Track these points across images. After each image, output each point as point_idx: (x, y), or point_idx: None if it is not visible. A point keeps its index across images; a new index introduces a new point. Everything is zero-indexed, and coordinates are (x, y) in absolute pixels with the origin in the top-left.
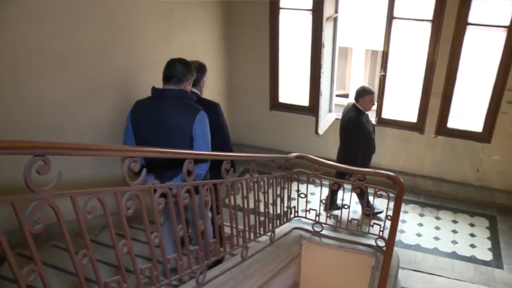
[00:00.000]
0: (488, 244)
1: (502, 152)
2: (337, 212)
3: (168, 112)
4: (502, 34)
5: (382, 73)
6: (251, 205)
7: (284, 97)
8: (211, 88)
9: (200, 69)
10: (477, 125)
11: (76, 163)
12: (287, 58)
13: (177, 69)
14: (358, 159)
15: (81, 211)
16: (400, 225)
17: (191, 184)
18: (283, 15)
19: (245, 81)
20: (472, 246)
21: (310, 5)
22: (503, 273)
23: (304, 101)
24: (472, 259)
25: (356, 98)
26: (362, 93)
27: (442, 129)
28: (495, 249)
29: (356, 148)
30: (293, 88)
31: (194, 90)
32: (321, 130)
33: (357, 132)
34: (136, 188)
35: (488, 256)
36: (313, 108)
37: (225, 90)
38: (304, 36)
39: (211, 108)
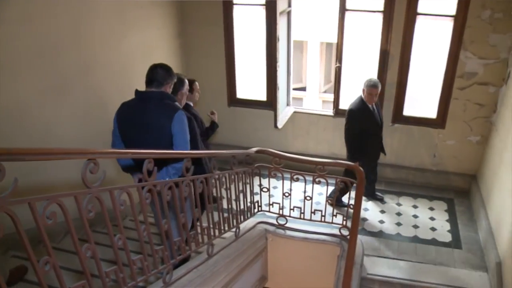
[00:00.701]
0: (447, 226)
1: (456, 137)
2: (300, 204)
3: (149, 112)
4: (450, 23)
5: (337, 65)
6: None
7: (242, 93)
8: None
9: (177, 82)
10: (432, 112)
11: (45, 167)
12: (243, 53)
13: (158, 73)
14: (356, 149)
15: (40, 217)
16: (363, 213)
17: (152, 183)
18: (237, 11)
19: (203, 78)
20: (433, 229)
21: (263, 0)
22: (462, 252)
23: (262, 95)
24: (433, 242)
25: (363, 89)
26: (364, 84)
27: (399, 117)
28: (454, 230)
29: (348, 136)
30: (250, 83)
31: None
32: (280, 124)
33: (350, 120)
34: (96, 191)
35: (447, 237)
36: (271, 102)
37: None
38: (259, 31)
39: None
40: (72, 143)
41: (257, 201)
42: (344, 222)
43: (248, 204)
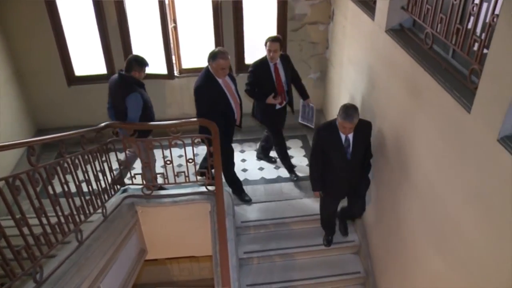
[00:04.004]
0: (305, 160)
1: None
2: (163, 170)
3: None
4: None
5: (173, 25)
6: (73, 188)
7: (80, 70)
8: None
9: None
10: None
11: None
12: (72, 28)
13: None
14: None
15: None
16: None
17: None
18: None
19: (34, 62)
20: (293, 166)
21: None
22: None
23: (102, 69)
24: (294, 178)
25: None
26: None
27: (242, 65)
28: None
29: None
30: (88, 58)
31: None
32: None
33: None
34: None
35: (306, 171)
36: (112, 75)
37: (12, 76)
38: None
39: None
40: None
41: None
42: (208, 178)
43: (110, 181)
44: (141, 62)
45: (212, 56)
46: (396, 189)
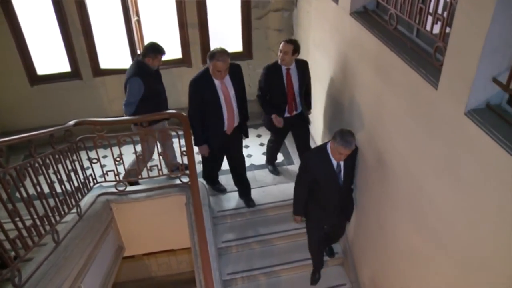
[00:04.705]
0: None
1: (264, 64)
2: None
3: None
4: None
5: (136, 18)
6: (46, 189)
7: (43, 69)
8: None
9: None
10: (237, 46)
11: None
12: (32, 26)
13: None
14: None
15: None
16: None
17: None
18: None
19: None
20: (265, 154)
21: None
22: (295, 167)
23: (65, 67)
24: (266, 166)
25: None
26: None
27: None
28: (284, 150)
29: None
30: (50, 57)
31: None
32: None
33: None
34: None
35: (279, 157)
36: (76, 72)
37: None
38: None
39: None
40: None
41: (91, 175)
42: (182, 170)
43: (82, 180)
44: (156, 49)
45: (210, 56)
46: (370, 170)
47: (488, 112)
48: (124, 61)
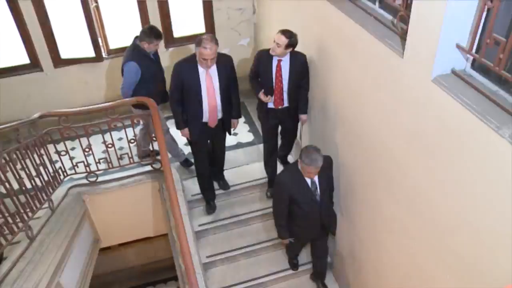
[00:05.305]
0: (246, 127)
1: (229, 44)
2: (105, 155)
3: None
4: None
5: (95, 4)
6: (15, 185)
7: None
8: None
9: None
10: (200, 27)
11: None
12: None
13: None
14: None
15: None
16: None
17: None
18: None
19: None
20: (235, 134)
21: None
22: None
23: (24, 59)
24: (239, 145)
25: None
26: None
27: (171, 39)
28: (253, 129)
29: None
30: (7, 49)
31: None
32: None
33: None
34: None
35: (250, 137)
36: (36, 64)
37: None
38: None
39: None
40: None
41: (60, 168)
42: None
43: (52, 174)
44: (151, 34)
45: (196, 42)
46: (342, 144)
47: (453, 77)
48: (86, 49)
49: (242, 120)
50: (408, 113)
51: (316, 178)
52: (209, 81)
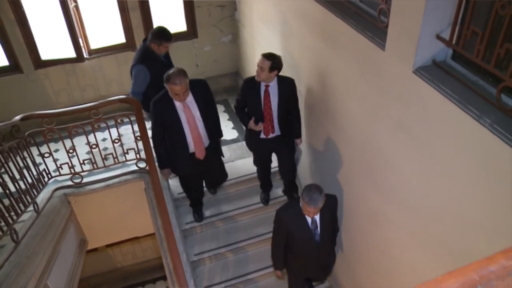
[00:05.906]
0: (231, 124)
1: (211, 42)
2: (89, 156)
3: None
4: None
5: (74, 4)
6: None
7: None
8: None
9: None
10: (181, 25)
11: None
12: None
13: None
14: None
15: None
16: None
17: None
18: None
19: None
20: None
21: None
22: None
23: (3, 61)
24: (224, 143)
25: None
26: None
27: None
28: (237, 127)
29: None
30: None
31: None
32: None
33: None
34: None
35: (234, 134)
36: (15, 66)
37: None
38: None
39: None
40: None
41: (44, 170)
42: (138, 156)
43: (36, 176)
44: (160, 36)
45: (165, 79)
46: (327, 139)
47: (434, 68)
48: (66, 50)
49: (226, 117)
50: (392, 104)
51: (317, 217)
52: (188, 113)
